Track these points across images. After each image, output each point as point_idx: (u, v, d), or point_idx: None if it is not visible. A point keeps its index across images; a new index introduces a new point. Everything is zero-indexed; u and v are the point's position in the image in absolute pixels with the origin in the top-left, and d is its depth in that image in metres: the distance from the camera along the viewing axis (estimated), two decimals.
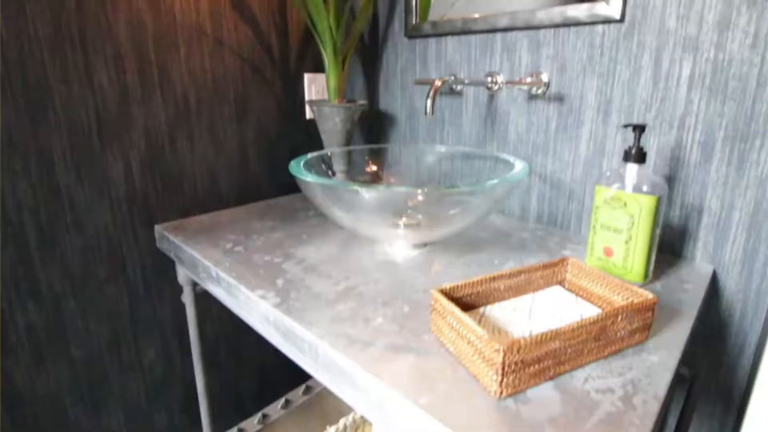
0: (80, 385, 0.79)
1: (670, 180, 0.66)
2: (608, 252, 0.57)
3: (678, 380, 0.60)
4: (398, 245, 0.67)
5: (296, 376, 1.19)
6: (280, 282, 0.54)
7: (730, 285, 0.62)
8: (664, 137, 0.65)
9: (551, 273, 0.50)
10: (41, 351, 0.73)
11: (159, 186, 0.82)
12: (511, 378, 0.34)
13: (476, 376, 0.36)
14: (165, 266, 0.86)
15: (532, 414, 0.33)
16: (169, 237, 0.69)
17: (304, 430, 1.03)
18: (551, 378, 0.37)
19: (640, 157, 0.55)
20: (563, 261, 0.51)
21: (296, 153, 1.05)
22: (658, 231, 0.56)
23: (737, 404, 0.67)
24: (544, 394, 0.35)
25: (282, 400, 1.17)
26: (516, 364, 0.33)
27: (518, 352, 0.33)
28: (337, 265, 0.59)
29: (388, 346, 0.41)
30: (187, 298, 0.79)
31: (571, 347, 0.36)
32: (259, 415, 1.11)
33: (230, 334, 1.01)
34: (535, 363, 0.35)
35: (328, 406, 1.10)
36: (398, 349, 0.40)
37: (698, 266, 0.63)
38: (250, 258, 0.61)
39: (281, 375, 1.15)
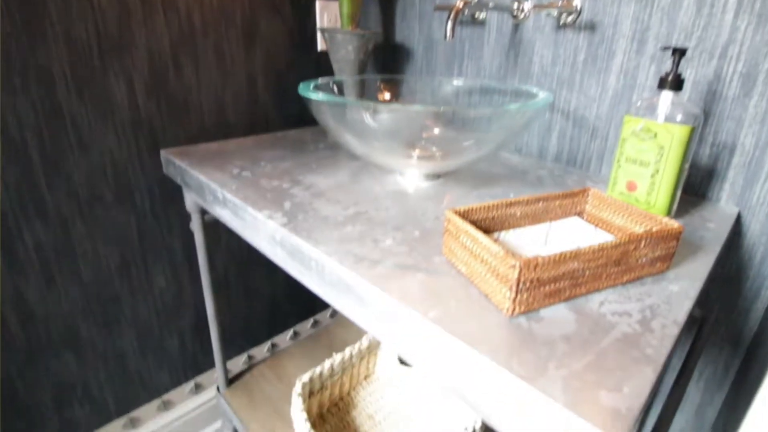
0: (91, 306, 0.81)
1: (704, 117, 0.61)
2: (631, 186, 0.54)
3: (688, 321, 0.59)
4: (410, 176, 0.65)
5: (305, 309, 1.22)
6: (287, 204, 0.52)
7: (755, 227, 0.60)
8: (702, 68, 0.60)
9: (570, 203, 0.48)
10: (51, 271, 0.74)
11: (164, 111, 0.80)
12: (524, 296, 0.33)
13: (488, 294, 0.35)
14: (172, 194, 0.85)
15: (545, 331, 0.32)
16: (175, 161, 0.68)
17: (312, 358, 1.06)
18: (566, 299, 0.35)
19: (677, 83, 0.51)
20: (584, 191, 0.48)
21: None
22: (687, 166, 0.53)
23: (746, 348, 0.67)
24: (558, 314, 0.34)
25: (291, 332, 1.20)
26: (531, 282, 0.32)
27: (535, 269, 0.32)
28: (347, 193, 0.57)
29: (397, 265, 0.39)
30: (196, 226, 0.79)
31: (590, 270, 0.35)
32: (268, 343, 1.15)
33: (240, 265, 1.02)
34: (551, 283, 0.33)
35: (335, 338, 1.13)
36: (407, 268, 0.39)
37: (723, 207, 0.60)
38: (257, 182, 0.59)
39: (290, 308, 1.17)
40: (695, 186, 0.65)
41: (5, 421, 0.76)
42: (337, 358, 0.90)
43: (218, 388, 0.97)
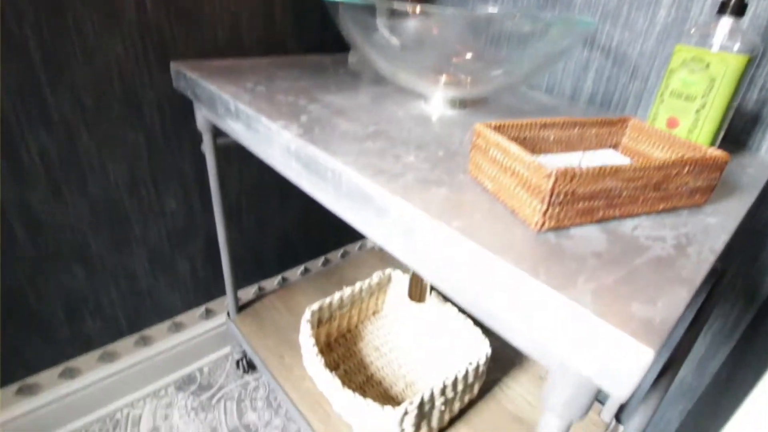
0: (101, 223, 0.81)
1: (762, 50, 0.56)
2: (672, 123, 0.50)
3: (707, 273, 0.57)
4: (435, 103, 0.61)
5: (316, 247, 1.22)
6: (303, 118, 0.50)
7: None
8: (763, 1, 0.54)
9: (607, 133, 0.45)
10: (57, 182, 0.73)
11: (174, 22, 0.75)
12: (556, 210, 0.30)
13: (515, 210, 0.33)
14: (183, 113, 0.83)
15: (575, 247, 0.30)
16: (186, 73, 0.65)
17: (322, 293, 1.07)
18: (598, 221, 0.33)
19: (739, 7, 0.46)
20: (623, 121, 0.45)
21: (328, 11, 0.95)
22: (736, 103, 0.49)
23: (760, 302, 0.65)
24: (589, 233, 0.32)
25: (301, 267, 1.21)
26: (566, 195, 0.30)
27: (571, 181, 0.29)
28: (367, 113, 0.55)
29: (418, 179, 0.37)
30: (207, 148, 0.77)
31: (628, 191, 0.32)
32: (278, 277, 1.17)
33: (252, 196, 1.01)
34: (585, 200, 0.31)
35: (345, 276, 1.14)
36: (430, 182, 0.37)
37: (764, 157, 0.57)
38: (272, 97, 0.57)
39: (302, 245, 1.18)
40: (736, 132, 0.60)
41: (17, 331, 0.78)
42: (347, 291, 0.90)
43: (228, 314, 0.99)
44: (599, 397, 0.94)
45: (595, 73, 0.72)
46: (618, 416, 0.87)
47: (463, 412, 0.82)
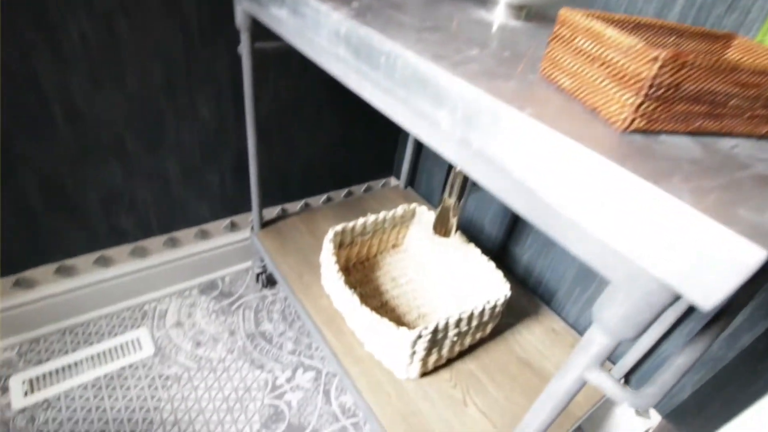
0: (137, 121, 0.79)
1: None
2: None
3: None
4: (498, 11, 0.55)
5: (341, 179, 1.20)
6: (355, 4, 0.45)
7: None
8: None
9: (707, 49, 0.38)
10: (96, 71, 0.71)
11: None
12: (651, 107, 0.26)
13: (598, 108, 0.29)
14: (222, 10, 0.78)
15: (666, 151, 0.26)
16: None
17: (344, 220, 1.06)
18: (692, 131, 0.29)
19: None
20: (727, 37, 0.38)
21: None
22: None
23: None
24: (681, 142, 0.27)
25: (324, 196, 1.20)
26: (667, 88, 0.25)
27: (679, 70, 0.25)
28: (424, 11, 0.49)
29: (484, 70, 0.33)
30: (244, 50, 0.73)
31: (737, 99, 0.28)
32: (302, 202, 1.16)
33: (284, 115, 0.97)
34: (686, 101, 0.26)
35: (368, 209, 1.12)
36: (496, 75, 0.33)
37: None
38: None
39: (327, 174, 1.15)
40: None
41: (57, 215, 0.80)
42: (371, 218, 0.89)
43: (252, 229, 1.00)
44: (611, 357, 0.93)
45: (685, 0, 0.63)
46: (627, 378, 0.85)
47: (472, 348, 0.81)
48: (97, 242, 0.88)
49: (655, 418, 0.83)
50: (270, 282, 1.11)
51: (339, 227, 0.83)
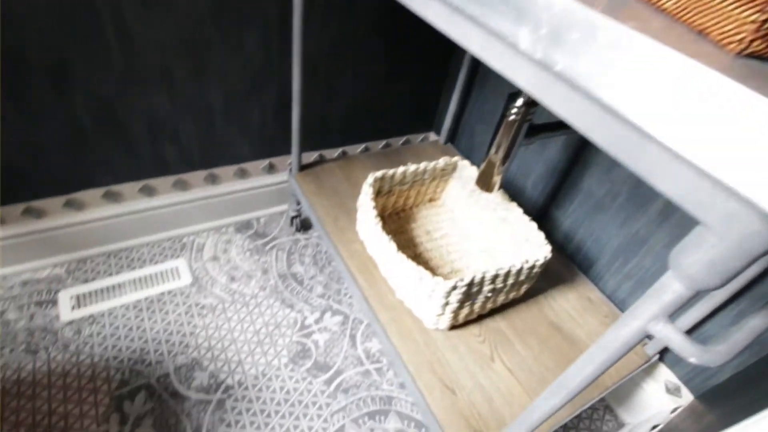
0: (184, 46, 0.78)
1: None
2: None
3: None
4: None
5: (380, 130, 1.17)
6: None
7: None
8: None
9: None
10: None
11: None
12: None
13: (708, 29, 0.25)
14: None
15: None
16: None
17: (381, 169, 1.05)
18: None
19: None
20: None
21: None
22: None
23: None
24: None
25: (362, 146, 1.18)
26: None
27: None
28: None
29: None
30: None
31: None
32: (339, 150, 1.15)
33: (329, 59, 0.94)
34: None
35: (406, 162, 1.10)
36: None
37: None
38: None
39: (366, 124, 1.13)
40: None
41: (105, 141, 0.82)
42: (411, 167, 0.86)
43: (291, 170, 1.00)
44: None
45: None
46: (662, 355, 0.83)
47: (504, 307, 0.81)
48: (143, 171, 0.90)
49: (687, 397, 0.81)
50: (304, 227, 1.12)
51: (379, 173, 0.82)
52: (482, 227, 0.90)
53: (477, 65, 1.08)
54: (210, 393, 0.78)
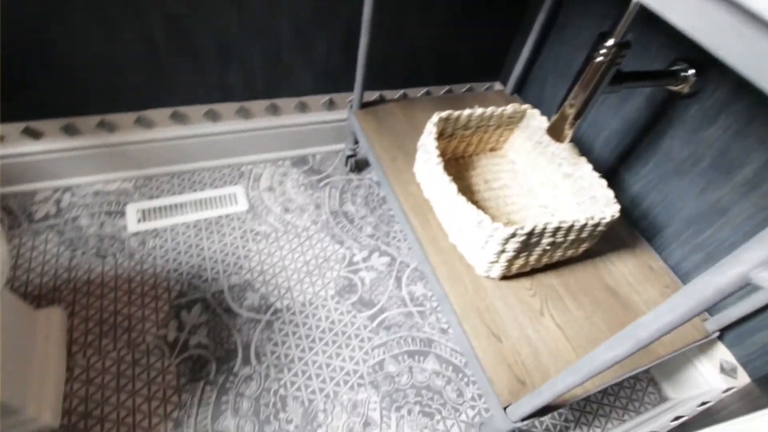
0: None
1: None
2: None
3: None
4: None
5: (443, 75, 1.12)
6: None
7: None
8: None
9: None
10: None
11: None
12: None
13: None
14: None
15: None
16: None
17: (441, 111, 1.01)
18: None
19: None
20: None
21: None
22: None
23: None
24: None
25: (424, 90, 1.14)
26: None
27: None
28: None
29: None
30: None
31: None
32: (401, 91, 1.11)
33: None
34: None
35: (468, 107, 1.05)
36: None
37: None
38: None
39: (430, 68, 1.08)
40: None
41: (178, 63, 0.83)
42: (478, 111, 0.82)
43: (351, 107, 0.98)
44: (710, 310, 0.85)
45: None
46: (723, 334, 0.78)
47: (558, 264, 0.78)
48: (209, 95, 0.91)
49: (742, 379, 0.77)
50: (358, 167, 1.11)
51: (444, 114, 0.78)
52: (545, 181, 0.86)
53: (556, 12, 1.00)
54: (260, 313, 0.82)
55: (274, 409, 0.71)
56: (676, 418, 0.76)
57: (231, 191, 1.00)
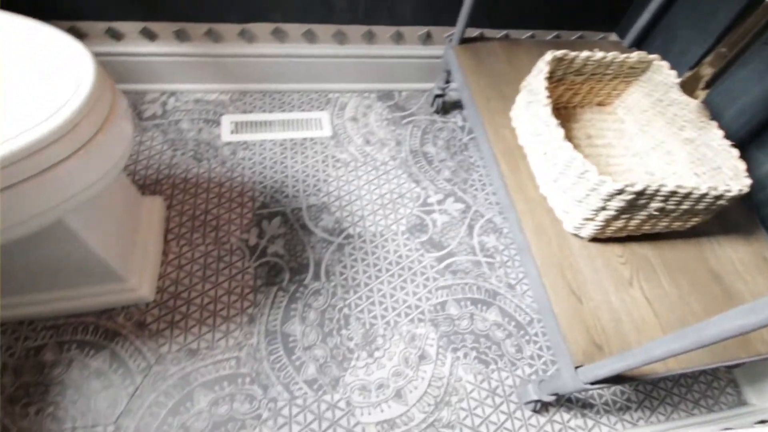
0: None
1: None
2: None
3: None
4: None
5: (552, 19, 1.01)
6: None
7: None
8: None
9: None
10: None
11: None
12: None
13: None
14: None
15: None
16: None
17: None
18: None
19: None
20: None
21: None
22: None
23: None
24: None
25: (530, 32, 1.04)
26: None
27: None
28: None
29: None
30: None
31: None
32: (503, 32, 1.03)
33: None
34: None
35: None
36: None
37: None
38: None
39: (538, 10, 0.98)
40: None
41: None
42: (597, 54, 0.74)
43: (450, 40, 0.92)
44: None
45: None
46: None
47: (658, 236, 0.71)
48: (310, 14, 0.90)
49: None
50: (444, 109, 1.07)
51: (559, 53, 0.71)
52: (656, 145, 0.77)
53: None
54: (333, 235, 0.84)
55: (337, 325, 0.74)
56: (762, 422, 0.69)
57: (317, 116, 1.00)
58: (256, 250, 0.80)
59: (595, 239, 0.68)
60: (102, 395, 0.64)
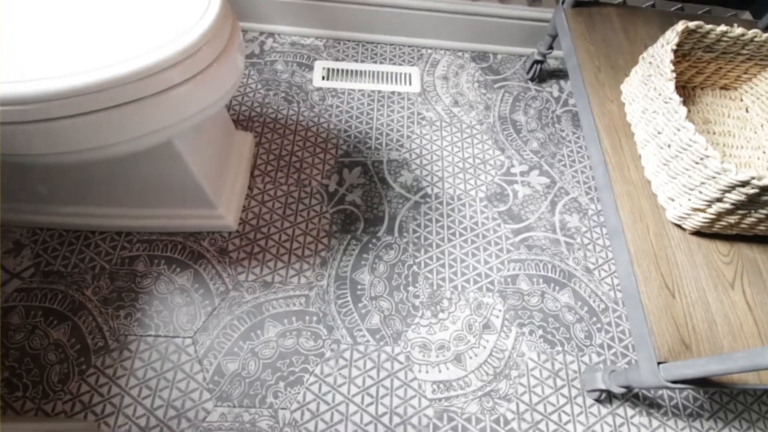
0: None
1: None
2: None
3: None
4: None
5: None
6: None
7: None
8: None
9: None
10: None
11: None
12: None
13: None
14: None
15: None
16: None
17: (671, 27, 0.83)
18: None
19: None
20: None
21: None
22: None
23: None
24: None
25: (651, 1, 0.94)
26: None
27: None
28: None
29: None
30: None
31: None
32: None
33: None
34: None
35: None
36: None
37: None
38: None
39: None
40: None
41: None
42: (737, 30, 0.65)
43: (562, 1, 0.85)
44: None
45: None
46: None
47: None
48: None
49: None
50: (540, 77, 1.01)
51: (692, 24, 0.64)
52: None
53: None
54: (410, 193, 0.83)
55: (405, 281, 0.75)
56: None
57: (407, 71, 0.98)
58: (335, 196, 0.81)
59: (698, 233, 0.62)
60: (183, 310, 0.69)
